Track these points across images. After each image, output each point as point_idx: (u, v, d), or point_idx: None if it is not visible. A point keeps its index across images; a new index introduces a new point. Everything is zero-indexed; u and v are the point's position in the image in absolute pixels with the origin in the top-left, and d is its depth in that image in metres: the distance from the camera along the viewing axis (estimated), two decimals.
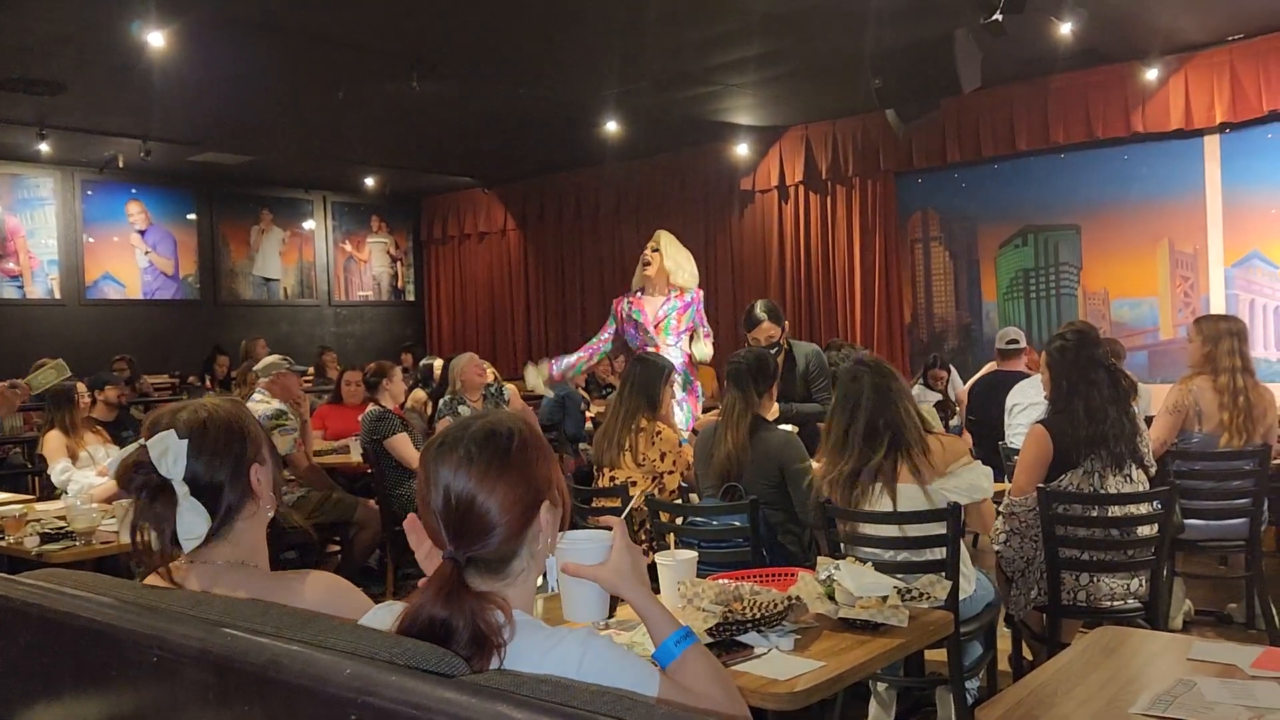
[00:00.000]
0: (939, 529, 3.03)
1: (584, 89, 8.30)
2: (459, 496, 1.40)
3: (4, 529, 3.95)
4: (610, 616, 2.30)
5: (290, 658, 1.09)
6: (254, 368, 6.21)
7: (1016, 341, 6.12)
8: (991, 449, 4.90)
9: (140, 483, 1.64)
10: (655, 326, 5.38)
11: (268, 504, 1.74)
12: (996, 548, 3.61)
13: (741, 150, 10.42)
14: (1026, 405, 4.91)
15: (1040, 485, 3.42)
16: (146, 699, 1.32)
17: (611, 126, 9.31)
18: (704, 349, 5.52)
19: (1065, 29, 6.75)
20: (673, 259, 5.48)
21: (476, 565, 1.42)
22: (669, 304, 5.44)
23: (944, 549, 3.03)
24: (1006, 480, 4.12)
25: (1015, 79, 8.37)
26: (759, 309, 4.93)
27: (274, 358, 6.15)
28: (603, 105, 8.77)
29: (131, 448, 1.67)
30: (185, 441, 1.64)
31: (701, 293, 5.57)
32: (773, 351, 4.54)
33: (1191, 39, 7.62)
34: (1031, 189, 9.00)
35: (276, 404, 5.58)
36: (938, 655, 3.13)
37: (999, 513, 3.60)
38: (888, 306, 9.78)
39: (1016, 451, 3.95)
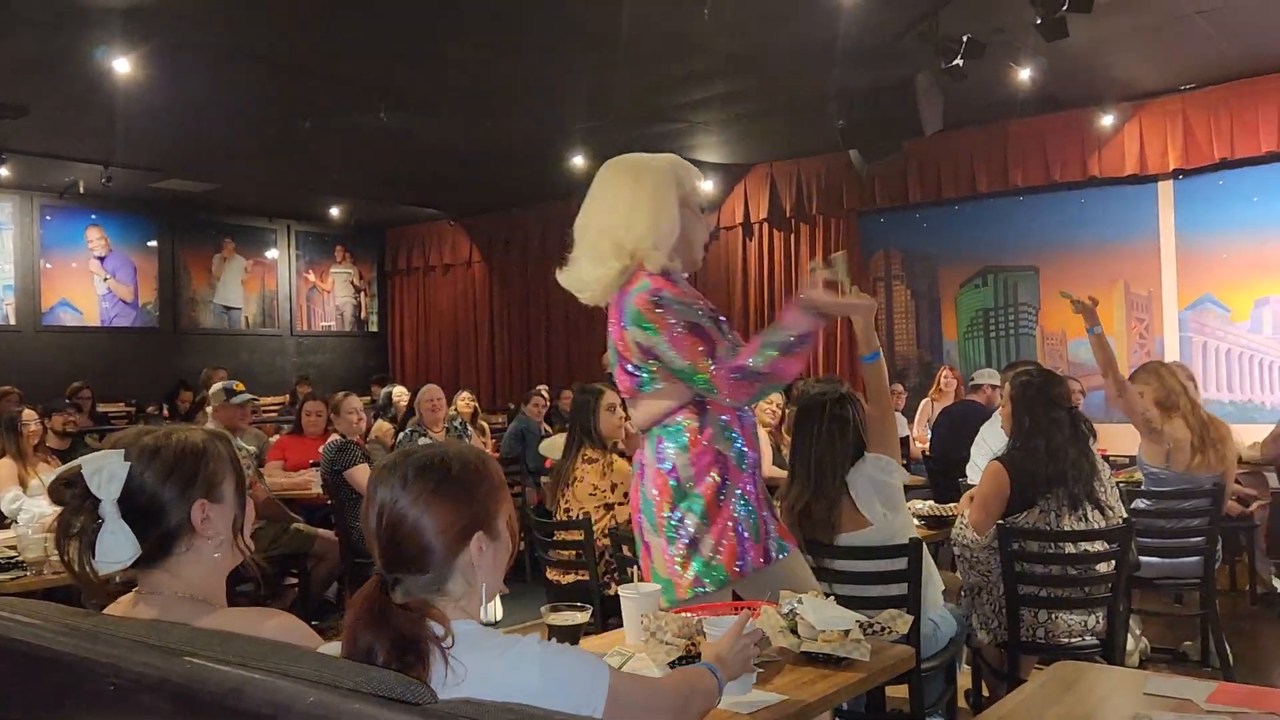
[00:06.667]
0: (900, 564, 3.06)
1: (551, 124, 8.35)
2: (390, 516, 1.45)
3: None
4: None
5: (253, 686, 1.08)
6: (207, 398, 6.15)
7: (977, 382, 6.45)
8: (953, 483, 4.95)
9: (68, 497, 1.60)
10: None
11: (216, 545, 1.66)
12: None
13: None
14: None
15: (1000, 522, 3.45)
16: None
17: (579, 161, 9.35)
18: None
19: (1024, 75, 6.92)
20: None
21: (408, 585, 1.46)
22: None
23: (905, 584, 3.05)
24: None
25: (976, 123, 8.54)
26: None
27: (216, 387, 6.06)
28: (569, 140, 8.82)
29: (74, 464, 1.63)
30: (127, 463, 1.60)
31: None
32: None
33: (1146, 87, 7.83)
34: (991, 230, 9.17)
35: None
36: (899, 691, 3.13)
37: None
38: (850, 344, 9.87)
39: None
